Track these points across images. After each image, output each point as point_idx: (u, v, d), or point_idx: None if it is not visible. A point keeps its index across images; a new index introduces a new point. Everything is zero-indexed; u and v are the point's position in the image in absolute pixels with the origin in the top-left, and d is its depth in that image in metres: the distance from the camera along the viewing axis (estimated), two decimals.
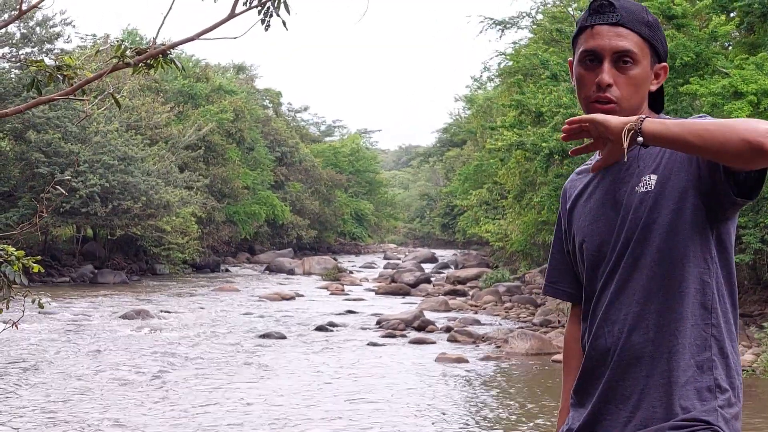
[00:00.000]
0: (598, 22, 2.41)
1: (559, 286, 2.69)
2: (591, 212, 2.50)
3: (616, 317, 2.39)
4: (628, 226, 2.39)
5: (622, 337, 2.37)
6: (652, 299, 2.35)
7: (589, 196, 2.52)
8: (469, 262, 43.70)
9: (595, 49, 2.40)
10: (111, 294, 26.53)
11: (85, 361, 15.08)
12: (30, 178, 30.48)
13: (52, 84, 4.63)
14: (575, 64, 2.47)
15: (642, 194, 2.37)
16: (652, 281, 2.35)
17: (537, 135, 19.51)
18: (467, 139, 49.50)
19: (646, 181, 2.37)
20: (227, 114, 44.49)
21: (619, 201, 2.42)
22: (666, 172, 2.35)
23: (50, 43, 33.83)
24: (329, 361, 15.94)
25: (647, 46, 2.42)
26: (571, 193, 2.61)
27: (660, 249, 2.34)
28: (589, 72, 2.42)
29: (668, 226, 2.34)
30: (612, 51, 2.39)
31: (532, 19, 33.82)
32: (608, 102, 2.38)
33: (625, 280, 2.38)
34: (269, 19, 4.37)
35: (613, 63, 2.39)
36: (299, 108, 73.97)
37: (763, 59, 15.91)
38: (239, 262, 47.55)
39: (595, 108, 2.39)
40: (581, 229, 2.52)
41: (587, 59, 2.42)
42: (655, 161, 2.38)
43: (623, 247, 2.39)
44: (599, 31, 2.41)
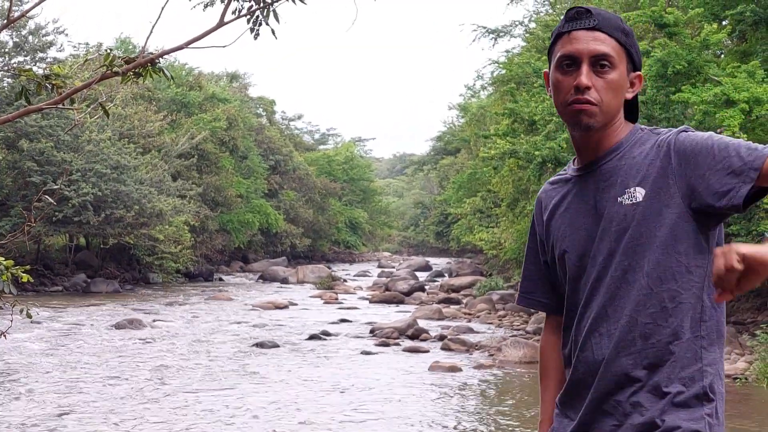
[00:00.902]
0: (575, 28, 2.41)
1: (534, 296, 2.69)
2: (571, 222, 2.49)
3: (604, 329, 2.38)
4: (611, 237, 2.38)
5: (611, 349, 2.36)
6: (642, 312, 2.34)
7: (568, 206, 2.51)
8: (462, 270, 43.70)
9: (572, 53, 2.39)
10: (103, 303, 26.46)
11: (75, 371, 15.02)
12: (22, 187, 30.42)
13: (43, 93, 4.62)
14: (552, 71, 2.46)
15: (628, 206, 2.36)
16: (644, 294, 2.34)
17: (530, 143, 19.52)
18: (461, 147, 49.54)
19: (632, 193, 2.36)
20: (220, 122, 44.47)
21: (600, 211, 2.42)
22: (655, 187, 2.34)
23: (43, 51, 33.82)
24: (322, 370, 15.91)
25: (624, 52, 2.42)
26: (547, 204, 2.60)
27: (652, 262, 2.33)
28: (566, 76, 2.41)
29: (660, 240, 2.33)
30: (590, 54, 2.38)
31: (525, 28, 33.97)
32: (588, 103, 2.37)
33: (613, 292, 2.37)
34: (258, 28, 4.37)
35: (591, 66, 2.38)
36: (293, 116, 74.10)
37: (755, 67, 15.94)
38: (233, 270, 47.49)
39: (572, 109, 2.39)
40: (561, 240, 2.51)
41: (564, 64, 2.41)
42: (641, 173, 2.37)
43: (607, 258, 2.39)
44: (576, 36, 2.40)
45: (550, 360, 2.69)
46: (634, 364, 2.34)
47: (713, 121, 14.88)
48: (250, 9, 4.35)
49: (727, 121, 14.61)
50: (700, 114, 15.41)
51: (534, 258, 2.67)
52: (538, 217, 2.64)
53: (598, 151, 2.45)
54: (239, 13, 4.34)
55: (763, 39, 18.02)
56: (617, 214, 2.37)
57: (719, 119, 14.78)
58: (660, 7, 17.14)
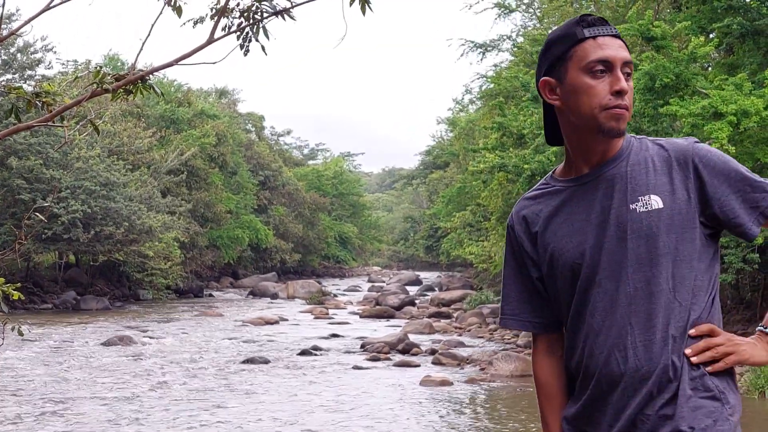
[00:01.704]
0: (601, 34, 2.41)
1: (522, 317, 2.63)
2: (576, 231, 2.44)
3: (630, 342, 2.35)
4: (627, 245, 2.36)
5: (637, 361, 2.34)
6: (673, 324, 2.34)
7: (569, 216, 2.47)
8: (453, 284, 43.73)
9: (608, 59, 2.38)
10: (94, 320, 26.39)
11: (66, 388, 14.97)
12: (12, 205, 30.35)
13: (33, 110, 4.62)
14: (576, 77, 2.41)
15: (643, 214, 2.36)
16: (670, 305, 2.34)
17: (519, 157, 19.56)
18: (450, 161, 49.59)
19: (646, 201, 2.36)
20: (210, 138, 44.44)
21: (610, 218, 2.39)
22: (674, 197, 2.36)
23: (31, 69, 33.82)
24: (313, 385, 15.88)
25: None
26: (534, 219, 2.54)
27: (672, 272, 2.34)
28: (599, 81, 2.38)
29: (679, 250, 2.35)
30: (622, 61, 2.39)
31: (512, 42, 34.05)
32: (626, 109, 2.38)
33: (637, 302, 2.35)
34: (248, 44, 4.38)
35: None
36: (282, 131, 74.17)
37: (743, 80, 16.00)
38: (223, 286, 47.42)
39: (613, 114, 2.37)
40: (565, 251, 2.45)
41: (598, 69, 2.38)
42: (654, 181, 2.38)
43: (625, 267, 2.36)
44: (606, 42, 2.41)
45: (552, 384, 2.59)
46: (656, 373, 2.33)
47: (701, 134, 14.92)
48: (240, 26, 4.36)
49: (715, 133, 14.65)
50: (688, 127, 15.46)
51: (517, 278, 2.62)
52: (523, 234, 2.57)
53: (604, 157, 2.44)
54: (229, 29, 4.35)
55: (750, 51, 18.10)
56: (632, 221, 2.36)
57: (707, 132, 14.83)
58: (647, 21, 17.20)
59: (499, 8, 32.73)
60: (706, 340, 2.34)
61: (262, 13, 4.35)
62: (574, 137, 2.46)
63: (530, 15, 33.95)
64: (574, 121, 2.43)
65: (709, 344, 2.34)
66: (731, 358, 2.35)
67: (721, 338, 2.35)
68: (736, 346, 2.36)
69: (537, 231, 2.54)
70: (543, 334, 2.61)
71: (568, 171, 2.52)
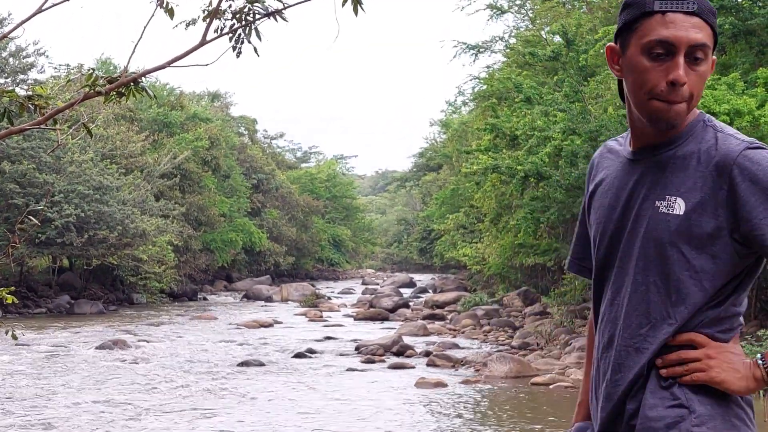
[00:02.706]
0: (672, 9, 2.14)
1: (585, 264, 2.52)
2: (607, 208, 2.32)
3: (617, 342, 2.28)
4: (639, 244, 2.23)
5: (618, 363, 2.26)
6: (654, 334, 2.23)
7: (609, 189, 2.33)
8: (447, 286, 43.73)
9: (670, 40, 2.13)
10: (88, 324, 26.34)
11: (60, 393, 14.94)
12: (5, 209, 30.28)
13: (25, 114, 4.61)
14: (635, 53, 2.20)
15: (662, 215, 2.19)
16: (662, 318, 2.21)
17: (512, 158, 19.59)
18: (443, 163, 49.67)
19: (671, 202, 2.18)
20: (202, 142, 44.42)
21: (635, 209, 2.25)
22: (699, 205, 2.16)
23: (24, 73, 33.79)
24: (308, 388, 15.87)
25: (713, 40, 2.21)
26: (596, 172, 2.42)
27: (677, 288, 2.19)
28: (656, 64, 2.15)
29: (690, 263, 2.18)
30: (689, 44, 2.14)
31: (505, 43, 34.10)
32: (680, 102, 2.16)
33: (632, 306, 2.25)
34: (240, 46, 4.37)
35: (686, 57, 2.15)
36: (275, 135, 74.08)
37: (735, 79, 16.04)
38: (217, 290, 47.38)
39: (663, 107, 2.17)
40: (598, 221, 2.35)
41: (656, 51, 2.16)
42: (686, 182, 2.19)
43: (630, 265, 2.25)
44: (674, 19, 2.14)
45: (592, 331, 2.52)
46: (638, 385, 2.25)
47: None
48: (232, 27, 4.36)
49: None
50: None
51: (583, 221, 2.50)
52: (590, 180, 2.45)
53: (661, 138, 2.24)
54: (221, 31, 4.35)
55: (742, 51, 18.15)
56: (651, 219, 2.21)
57: None
58: None
59: (492, 9, 32.77)
60: (680, 352, 2.19)
61: (254, 15, 4.35)
62: (632, 112, 2.27)
63: (522, 16, 34.01)
64: (630, 98, 2.26)
65: (682, 357, 2.19)
66: (699, 376, 2.17)
67: (699, 352, 2.18)
68: (710, 367, 2.17)
69: (591, 187, 2.43)
70: None
71: (633, 142, 2.33)
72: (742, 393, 2.18)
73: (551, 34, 26.94)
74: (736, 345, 2.24)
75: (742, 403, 2.22)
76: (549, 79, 22.96)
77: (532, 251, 24.42)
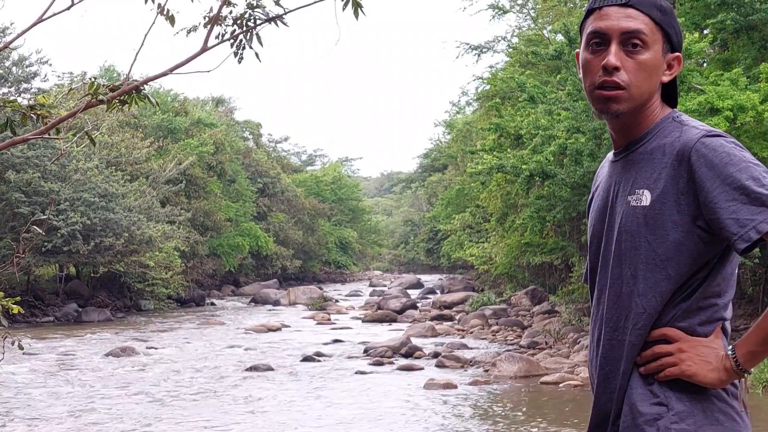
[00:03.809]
0: (606, 4, 2.25)
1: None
2: (599, 213, 2.38)
3: (602, 339, 2.31)
4: (616, 239, 2.28)
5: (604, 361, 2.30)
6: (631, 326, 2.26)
7: (601, 194, 2.40)
8: (454, 286, 43.73)
9: (601, 30, 2.24)
10: (96, 332, 26.37)
11: (68, 401, 14.95)
12: (10, 219, 30.32)
13: (29, 123, 4.61)
14: (581, 50, 2.31)
15: (632, 209, 2.24)
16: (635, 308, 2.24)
17: (517, 157, 19.56)
18: (448, 163, 49.62)
19: (639, 195, 2.23)
20: (207, 147, 44.44)
21: (612, 207, 2.31)
22: (663, 195, 2.21)
23: (27, 82, 33.79)
24: (317, 391, 15.87)
25: (659, 31, 2.25)
26: (595, 182, 2.50)
27: (645, 276, 2.22)
28: (595, 56, 2.25)
29: (657, 252, 2.21)
30: (620, 31, 2.22)
31: (507, 43, 34.07)
32: (616, 87, 2.22)
33: (613, 301, 2.29)
34: (242, 52, 4.38)
35: (621, 45, 2.23)
36: (279, 138, 74.06)
37: (738, 75, 16.02)
38: (224, 294, 47.38)
39: (600, 95, 2.24)
40: (589, 228, 2.44)
41: (594, 42, 2.26)
42: (653, 174, 2.24)
43: (611, 262, 2.30)
44: (607, 12, 2.24)
45: None
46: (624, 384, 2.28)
47: None
48: (234, 33, 4.36)
49: None
50: None
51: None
52: (593, 189, 2.51)
53: (629, 137, 2.31)
54: (223, 37, 4.35)
55: (744, 46, 18.11)
56: (624, 215, 2.26)
57: None
58: None
59: (494, 9, 32.74)
60: (654, 347, 2.22)
61: (255, 20, 4.35)
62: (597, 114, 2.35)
63: (524, 16, 33.96)
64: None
65: (656, 352, 2.22)
66: (672, 371, 2.19)
67: (673, 346, 2.20)
68: (682, 360, 2.18)
69: (591, 197, 2.50)
70: None
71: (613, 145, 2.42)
72: (716, 385, 2.19)
73: (553, 33, 26.92)
74: (716, 339, 2.24)
75: (726, 397, 2.23)
76: (552, 77, 22.94)
77: (539, 250, 24.39)
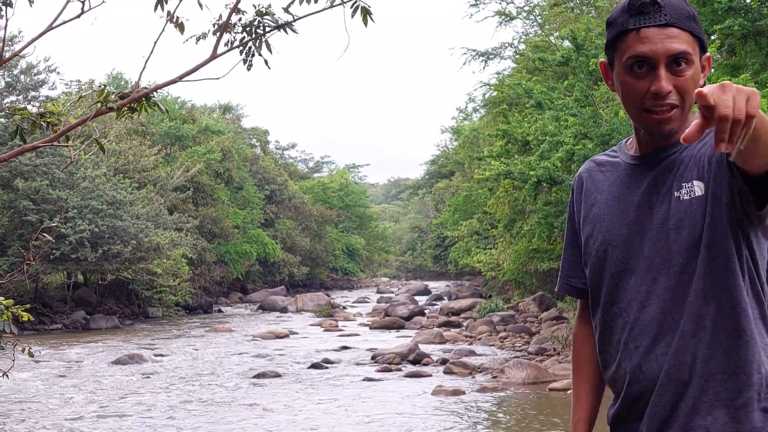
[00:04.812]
0: (644, 24, 2.20)
1: (570, 281, 2.53)
2: (619, 212, 2.33)
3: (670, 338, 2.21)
4: (672, 237, 2.22)
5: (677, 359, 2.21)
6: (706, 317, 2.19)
7: (619, 195, 2.35)
8: (462, 292, 43.69)
9: (646, 54, 2.19)
10: (104, 339, 26.39)
11: (76, 408, 14.96)
12: (19, 226, 30.39)
13: (38, 131, 4.62)
14: (620, 71, 2.27)
15: (687, 203, 2.21)
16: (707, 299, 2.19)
17: (524, 164, 19.55)
18: (455, 170, 49.61)
19: (690, 188, 2.22)
20: (215, 154, 44.52)
21: (655, 206, 2.26)
22: (715, 180, 2.19)
23: (35, 90, 33.87)
24: (325, 398, 15.86)
25: (697, 42, 2.24)
26: (589, 185, 2.45)
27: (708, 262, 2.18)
28: (639, 80, 2.22)
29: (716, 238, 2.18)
30: (667, 55, 2.18)
31: (514, 49, 34.09)
32: (670, 109, 2.21)
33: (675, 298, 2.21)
34: (251, 59, 4.38)
35: (667, 67, 2.19)
36: (287, 145, 74.14)
37: (746, 80, 15.98)
38: (232, 302, 47.40)
39: (652, 119, 2.22)
40: (605, 230, 2.35)
41: (635, 66, 2.21)
42: (698, 165, 2.23)
43: (666, 260, 2.23)
44: (648, 34, 2.19)
45: (584, 351, 2.53)
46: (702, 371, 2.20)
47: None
48: (243, 41, 4.37)
49: None
50: None
51: (570, 241, 2.53)
52: (577, 196, 2.49)
53: (665, 142, 2.29)
54: (232, 44, 4.36)
55: (752, 52, 18.09)
56: (675, 210, 2.22)
57: None
58: None
59: (500, 16, 32.75)
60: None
61: (264, 28, 4.35)
62: (638, 127, 2.33)
63: (531, 22, 33.95)
64: (626, 112, 2.33)
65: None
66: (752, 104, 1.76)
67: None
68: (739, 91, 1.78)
69: (586, 200, 2.45)
70: (587, 300, 2.50)
71: (634, 145, 2.39)
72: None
73: (560, 40, 26.90)
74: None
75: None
76: (559, 84, 22.92)
77: (547, 256, 24.36)
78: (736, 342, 2.19)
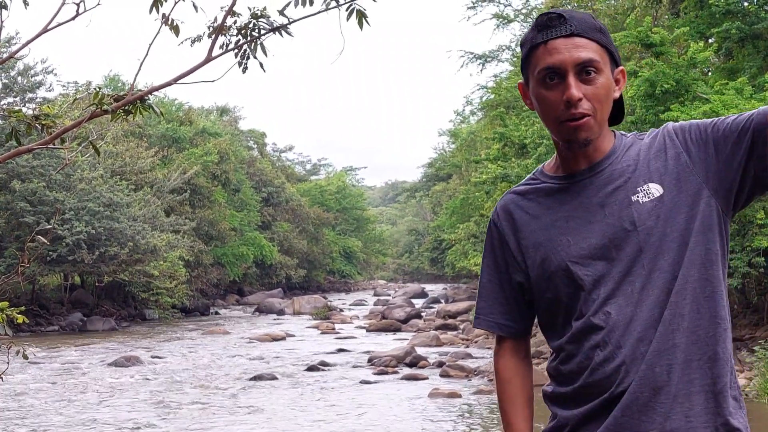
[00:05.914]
0: (551, 37, 2.24)
1: (493, 318, 2.51)
2: (574, 230, 2.31)
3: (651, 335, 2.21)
4: (637, 238, 2.23)
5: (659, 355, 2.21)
6: (682, 315, 2.20)
7: (565, 213, 2.34)
8: (459, 295, 43.71)
9: (555, 65, 2.22)
10: (100, 341, 26.38)
11: (72, 411, 14.95)
12: (15, 228, 30.37)
13: (34, 133, 4.62)
14: (534, 86, 2.30)
15: (647, 203, 2.23)
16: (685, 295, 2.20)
17: (521, 167, 19.57)
18: (453, 173, 49.66)
19: (646, 191, 2.24)
20: (212, 156, 44.52)
21: (613, 215, 2.26)
22: (674, 180, 2.23)
23: (32, 92, 33.89)
24: (322, 401, 15.85)
25: (605, 53, 2.27)
26: (521, 215, 2.42)
27: (681, 257, 2.20)
28: (552, 91, 2.24)
29: (683, 234, 2.21)
30: (574, 63, 2.21)
31: (512, 52, 34.10)
32: (582, 117, 2.22)
33: (644, 299, 2.22)
34: (246, 62, 4.38)
35: (577, 76, 2.22)
36: (284, 147, 74.26)
37: (743, 84, 16.00)
38: (229, 304, 47.39)
39: (568, 127, 2.24)
40: (561, 250, 2.32)
41: (547, 78, 2.24)
42: (649, 171, 2.26)
43: (630, 263, 2.24)
44: (555, 45, 2.23)
45: (516, 383, 2.67)
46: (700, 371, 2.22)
47: None
48: (238, 43, 4.36)
49: None
50: None
51: (494, 277, 2.50)
52: (509, 231, 2.45)
53: (594, 157, 2.30)
54: (227, 47, 4.35)
55: (749, 55, 18.11)
56: (638, 213, 2.24)
57: None
58: (646, 27, 17.22)
59: (498, 19, 32.79)
60: None
61: (260, 30, 4.35)
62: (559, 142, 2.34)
63: (528, 25, 33.97)
64: (546, 128, 2.35)
65: None
66: None
67: None
68: None
69: (525, 230, 2.41)
70: (513, 338, 2.52)
71: (559, 167, 2.38)
72: None
73: None
74: None
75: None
76: None
77: None
78: (715, 330, 2.23)
